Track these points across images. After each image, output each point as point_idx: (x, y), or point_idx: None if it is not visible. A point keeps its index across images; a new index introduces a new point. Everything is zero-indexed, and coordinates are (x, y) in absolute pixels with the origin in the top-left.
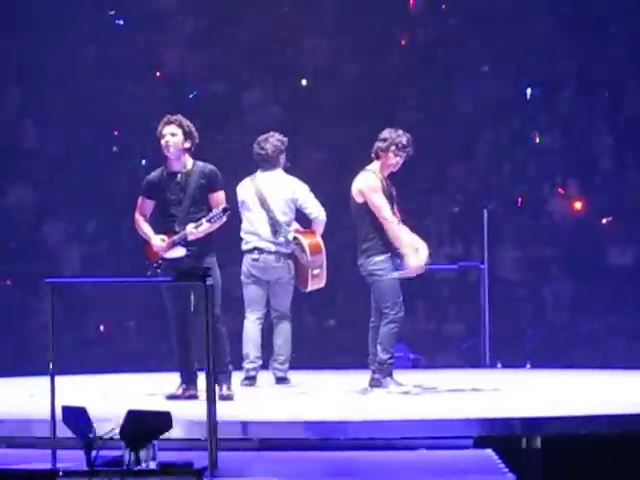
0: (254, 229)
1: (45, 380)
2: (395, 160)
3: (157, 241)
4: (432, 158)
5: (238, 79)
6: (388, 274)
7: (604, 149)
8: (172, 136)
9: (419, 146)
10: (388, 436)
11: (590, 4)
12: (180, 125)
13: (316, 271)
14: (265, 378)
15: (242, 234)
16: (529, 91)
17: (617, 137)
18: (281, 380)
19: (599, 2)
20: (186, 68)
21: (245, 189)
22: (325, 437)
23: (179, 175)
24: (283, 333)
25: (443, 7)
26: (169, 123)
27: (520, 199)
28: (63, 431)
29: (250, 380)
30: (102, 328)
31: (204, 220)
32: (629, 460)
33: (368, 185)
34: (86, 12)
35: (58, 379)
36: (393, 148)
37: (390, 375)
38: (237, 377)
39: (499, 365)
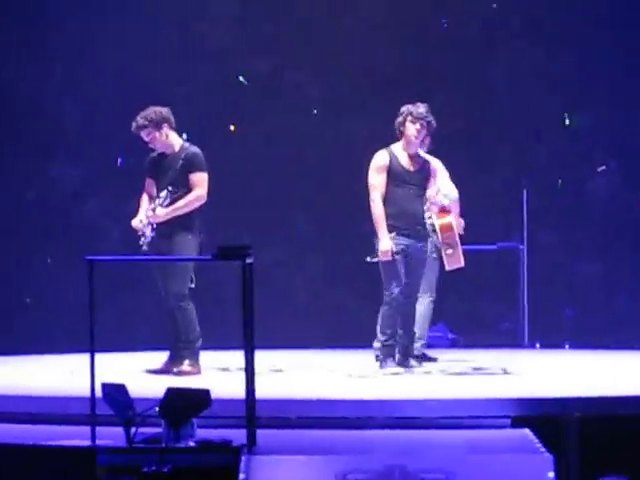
0: None
1: (85, 357)
2: (414, 129)
3: (135, 221)
4: (471, 140)
5: (280, 57)
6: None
7: None
8: (149, 138)
9: (458, 129)
10: (426, 415)
11: None
12: (145, 125)
13: (449, 251)
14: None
15: None
16: (567, 71)
17: None
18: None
19: None
20: (229, 45)
21: None
22: (363, 415)
23: (167, 157)
24: (419, 311)
25: None
26: (138, 132)
27: (560, 180)
28: (103, 408)
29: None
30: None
31: (157, 202)
32: None
33: (372, 163)
34: None
35: (98, 357)
36: (409, 118)
37: (391, 356)
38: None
39: (537, 345)
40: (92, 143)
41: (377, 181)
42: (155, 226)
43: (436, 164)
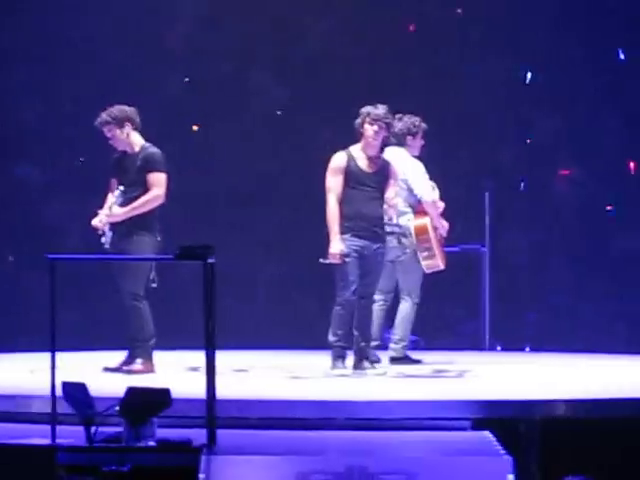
0: None
1: (46, 356)
2: (371, 131)
3: (95, 220)
4: (434, 141)
5: (243, 61)
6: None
7: (609, 133)
8: (110, 134)
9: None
10: (387, 416)
11: None
12: (107, 122)
13: (424, 254)
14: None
15: None
16: (529, 75)
17: (624, 121)
18: (395, 360)
19: None
20: (193, 45)
21: None
22: (324, 417)
23: (128, 156)
24: (401, 312)
25: None
26: (101, 128)
27: (522, 182)
28: (63, 407)
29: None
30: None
31: (111, 201)
32: (627, 444)
33: (329, 165)
34: None
35: (59, 355)
36: (368, 119)
37: (341, 357)
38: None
39: (498, 348)
40: (54, 143)
41: (333, 183)
42: (112, 225)
43: (414, 166)
